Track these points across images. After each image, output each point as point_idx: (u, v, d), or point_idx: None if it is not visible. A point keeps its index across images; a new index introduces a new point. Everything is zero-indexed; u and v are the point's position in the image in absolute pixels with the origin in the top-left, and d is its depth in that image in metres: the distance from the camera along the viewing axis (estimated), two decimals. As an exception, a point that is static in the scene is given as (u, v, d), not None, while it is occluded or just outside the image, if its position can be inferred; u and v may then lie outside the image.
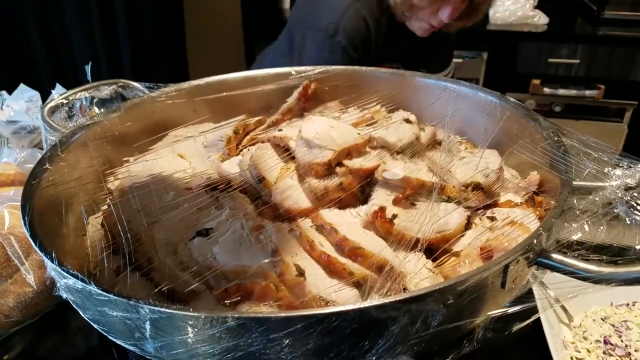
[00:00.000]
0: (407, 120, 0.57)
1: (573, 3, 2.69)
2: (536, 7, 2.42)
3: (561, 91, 2.36)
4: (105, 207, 0.46)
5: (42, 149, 0.85)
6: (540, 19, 2.36)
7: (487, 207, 0.48)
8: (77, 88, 0.60)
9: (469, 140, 0.61)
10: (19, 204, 0.42)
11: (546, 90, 2.37)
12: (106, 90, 0.61)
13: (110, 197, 0.47)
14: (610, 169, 0.43)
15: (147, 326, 0.29)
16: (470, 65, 2.42)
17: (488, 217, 0.46)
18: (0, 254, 0.49)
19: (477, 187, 0.48)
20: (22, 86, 1.00)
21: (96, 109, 0.64)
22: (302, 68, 0.68)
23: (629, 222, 0.37)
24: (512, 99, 0.57)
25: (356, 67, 0.69)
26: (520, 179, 0.51)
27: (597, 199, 0.40)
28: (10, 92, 1.00)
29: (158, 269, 0.37)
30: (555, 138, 0.47)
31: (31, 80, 1.24)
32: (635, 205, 0.37)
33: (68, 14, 1.44)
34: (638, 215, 0.37)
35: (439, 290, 0.30)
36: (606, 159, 0.44)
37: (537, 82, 2.37)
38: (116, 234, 0.41)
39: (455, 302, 0.30)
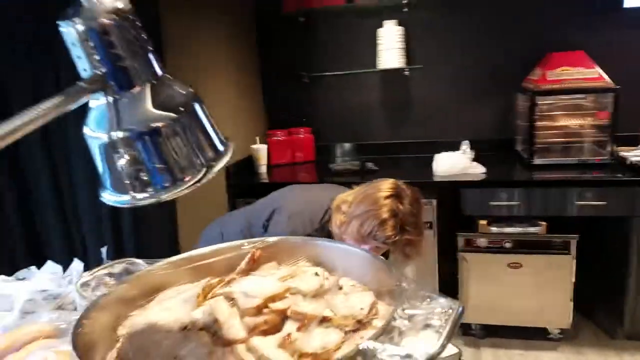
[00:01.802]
0: (316, 274, 0.87)
1: (511, 154, 3.16)
2: (475, 160, 2.85)
3: (507, 229, 2.69)
4: (119, 345, 0.74)
5: (63, 309, 1.14)
6: (477, 169, 2.78)
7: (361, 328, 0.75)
8: (99, 267, 0.90)
9: (362, 283, 0.90)
10: (61, 349, 0.69)
11: (493, 229, 2.70)
12: (118, 267, 0.91)
13: (122, 339, 0.75)
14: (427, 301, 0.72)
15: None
16: (423, 211, 2.76)
17: (360, 337, 0.73)
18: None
19: (356, 318, 0.76)
20: (49, 262, 1.30)
21: (109, 280, 0.93)
22: (253, 240, 1.00)
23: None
24: (380, 257, 0.88)
25: (290, 238, 1.01)
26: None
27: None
28: (26, 264, 1.29)
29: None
30: (396, 284, 0.76)
31: (43, 254, 1.55)
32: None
33: (81, 199, 1.81)
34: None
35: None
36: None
37: (483, 222, 2.71)
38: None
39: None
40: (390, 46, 3.20)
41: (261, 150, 3.25)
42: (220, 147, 0.71)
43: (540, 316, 2.75)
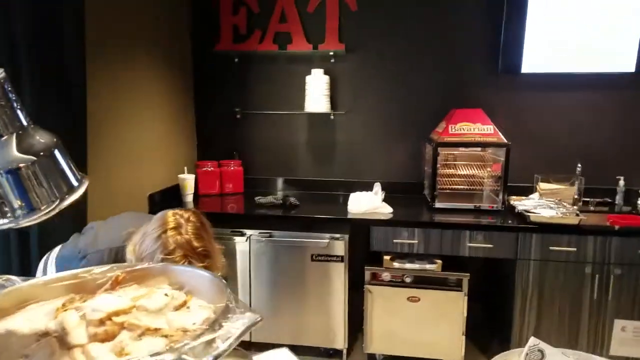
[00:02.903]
0: (166, 294, 1.03)
1: (419, 197, 3.43)
2: (386, 201, 3.09)
3: (408, 265, 2.93)
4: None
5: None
6: (386, 209, 3.02)
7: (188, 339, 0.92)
8: (-28, 282, 1.03)
9: (207, 302, 1.06)
10: None
11: (396, 264, 2.93)
12: (-8, 282, 1.04)
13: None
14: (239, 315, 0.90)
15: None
16: (335, 245, 2.98)
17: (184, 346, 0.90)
18: None
19: (183, 330, 0.93)
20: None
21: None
22: (122, 265, 1.15)
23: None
24: (221, 280, 1.05)
25: (152, 264, 1.17)
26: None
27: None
28: None
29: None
30: (226, 302, 0.93)
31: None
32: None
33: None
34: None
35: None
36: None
37: (387, 257, 2.93)
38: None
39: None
40: (316, 92, 3.45)
41: (188, 179, 3.39)
42: (75, 183, 0.88)
43: (436, 348, 2.97)
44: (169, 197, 3.29)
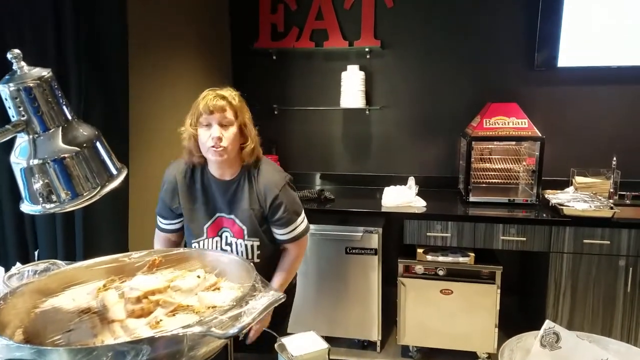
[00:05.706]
0: (198, 276, 1.11)
1: (454, 191, 3.42)
2: (421, 195, 3.10)
3: (441, 258, 2.93)
4: (26, 323, 0.97)
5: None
6: (419, 203, 3.03)
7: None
8: (25, 265, 1.14)
9: (238, 283, 1.13)
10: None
11: (429, 257, 2.94)
12: (42, 265, 1.14)
13: (31, 317, 0.98)
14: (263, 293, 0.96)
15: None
16: (369, 238, 3.02)
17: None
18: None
19: (213, 307, 1.00)
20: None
21: (32, 275, 1.17)
22: (159, 250, 1.24)
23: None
24: (244, 260, 1.11)
25: (182, 250, 1.26)
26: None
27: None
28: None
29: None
30: (253, 282, 1.00)
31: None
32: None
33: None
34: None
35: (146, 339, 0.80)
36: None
37: (420, 250, 2.94)
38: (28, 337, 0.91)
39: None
40: (352, 88, 3.49)
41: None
42: (114, 172, 0.96)
43: (470, 340, 2.97)
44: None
